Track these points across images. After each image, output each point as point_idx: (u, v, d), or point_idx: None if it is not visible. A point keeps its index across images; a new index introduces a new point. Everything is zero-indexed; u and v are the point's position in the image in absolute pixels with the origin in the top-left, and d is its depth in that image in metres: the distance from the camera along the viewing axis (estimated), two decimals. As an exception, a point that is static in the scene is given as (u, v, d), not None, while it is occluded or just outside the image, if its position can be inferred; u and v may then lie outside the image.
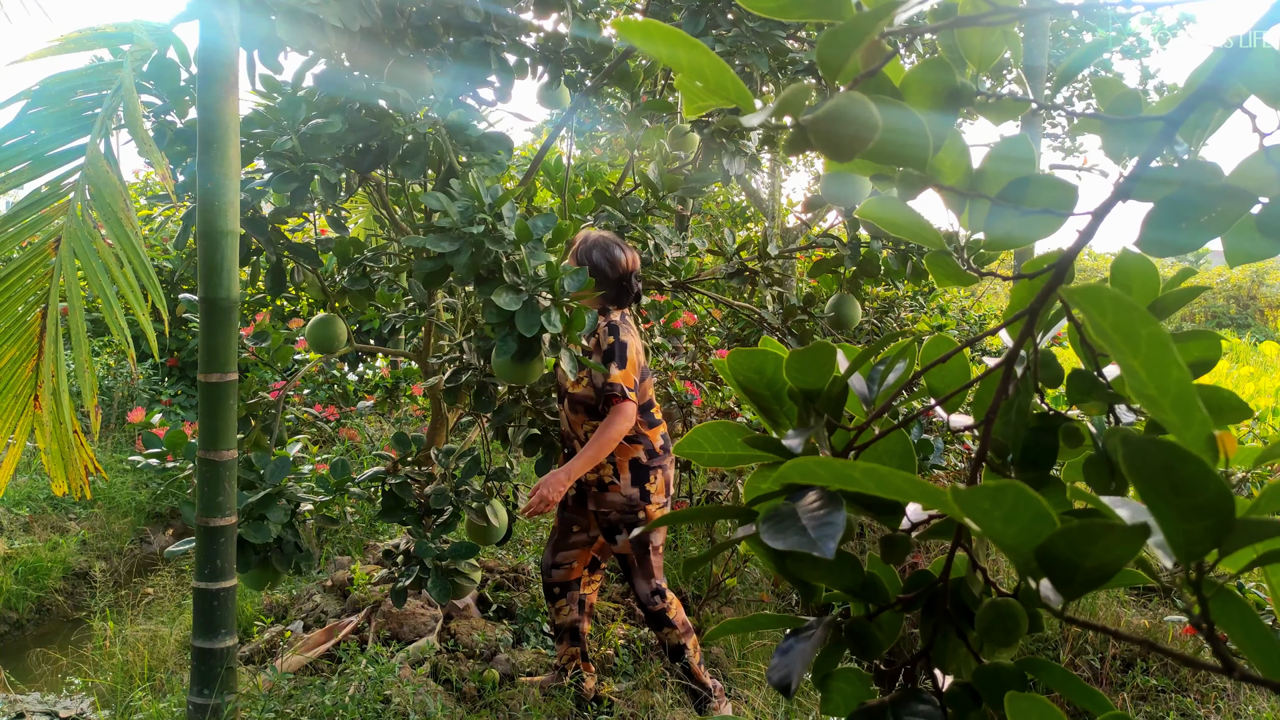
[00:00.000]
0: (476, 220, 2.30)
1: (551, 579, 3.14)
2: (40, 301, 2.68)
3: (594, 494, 2.96)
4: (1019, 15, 0.68)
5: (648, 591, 2.97)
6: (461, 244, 2.29)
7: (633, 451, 2.92)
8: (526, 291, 2.30)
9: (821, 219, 5.92)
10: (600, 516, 2.97)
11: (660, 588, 2.99)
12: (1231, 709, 3.36)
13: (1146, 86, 9.40)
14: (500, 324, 2.31)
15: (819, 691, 0.63)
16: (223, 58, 2.33)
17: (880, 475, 0.53)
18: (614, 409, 2.79)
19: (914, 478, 0.52)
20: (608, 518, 2.94)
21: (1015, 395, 0.64)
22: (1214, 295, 16.22)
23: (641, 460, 2.92)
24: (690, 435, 0.70)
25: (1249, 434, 5.43)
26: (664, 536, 3.05)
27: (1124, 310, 0.48)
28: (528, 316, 2.28)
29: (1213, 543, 0.48)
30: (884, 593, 0.63)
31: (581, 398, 2.90)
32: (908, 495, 0.54)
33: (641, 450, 2.92)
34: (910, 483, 0.53)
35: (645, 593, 2.97)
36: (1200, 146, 0.69)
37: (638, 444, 2.92)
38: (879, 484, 0.53)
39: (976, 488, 0.50)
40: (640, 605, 3.01)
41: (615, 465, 2.91)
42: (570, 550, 3.11)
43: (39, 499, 5.45)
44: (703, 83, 0.64)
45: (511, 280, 2.30)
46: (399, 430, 3.07)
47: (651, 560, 2.96)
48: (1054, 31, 8.45)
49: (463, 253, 2.28)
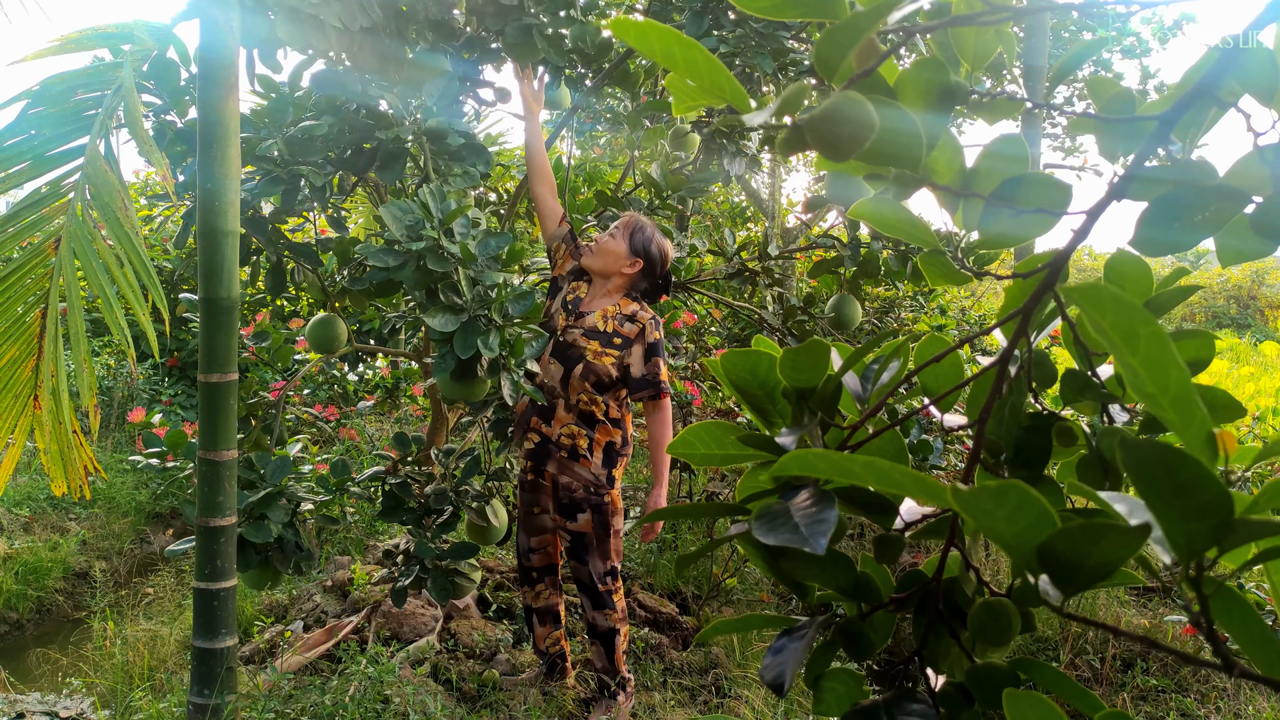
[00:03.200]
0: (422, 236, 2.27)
1: (530, 563, 3.11)
2: (40, 301, 2.68)
3: (562, 459, 2.94)
4: (1014, 14, 0.68)
5: (602, 571, 2.97)
6: (405, 259, 2.26)
7: (613, 434, 2.96)
8: (468, 312, 2.28)
9: (821, 219, 5.92)
10: (562, 489, 2.94)
11: (615, 569, 3.00)
12: (1231, 709, 3.36)
13: (1146, 86, 9.38)
14: (439, 342, 2.31)
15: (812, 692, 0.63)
16: (223, 58, 2.33)
17: (880, 469, 0.53)
18: (661, 403, 2.91)
19: (914, 472, 0.52)
20: (571, 493, 2.93)
21: (1009, 395, 0.64)
22: (1214, 295, 16.22)
23: (616, 445, 2.97)
24: (683, 435, 0.70)
25: (1249, 434, 5.43)
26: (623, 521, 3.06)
27: (1123, 309, 0.48)
28: (465, 338, 2.26)
29: (1213, 541, 0.48)
30: (877, 593, 0.63)
31: (598, 369, 2.89)
32: (907, 490, 0.54)
33: (619, 436, 2.97)
34: (909, 477, 0.52)
35: (600, 571, 2.96)
36: (1195, 146, 0.69)
37: (618, 430, 2.97)
38: (878, 477, 0.53)
39: (979, 487, 0.50)
40: (589, 582, 2.98)
41: (592, 441, 2.93)
42: (542, 534, 3.09)
43: (39, 499, 5.46)
44: (696, 82, 0.64)
45: (449, 300, 2.28)
46: (399, 430, 3.07)
47: (611, 542, 2.97)
48: (1054, 31, 8.45)
49: (406, 268, 2.25)
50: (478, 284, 2.33)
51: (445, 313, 2.26)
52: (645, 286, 3.03)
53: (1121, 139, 0.70)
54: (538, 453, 2.99)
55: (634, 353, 2.92)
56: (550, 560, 3.12)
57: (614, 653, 3.03)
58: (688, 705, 3.20)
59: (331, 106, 2.69)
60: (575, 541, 2.97)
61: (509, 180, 4.86)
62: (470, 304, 2.29)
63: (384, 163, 2.69)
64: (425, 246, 2.26)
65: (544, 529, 3.08)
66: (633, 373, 2.91)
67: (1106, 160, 0.71)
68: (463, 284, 2.28)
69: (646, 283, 3.02)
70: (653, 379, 2.89)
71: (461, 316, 2.28)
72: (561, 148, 4.87)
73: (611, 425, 2.95)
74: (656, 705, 3.14)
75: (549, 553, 3.12)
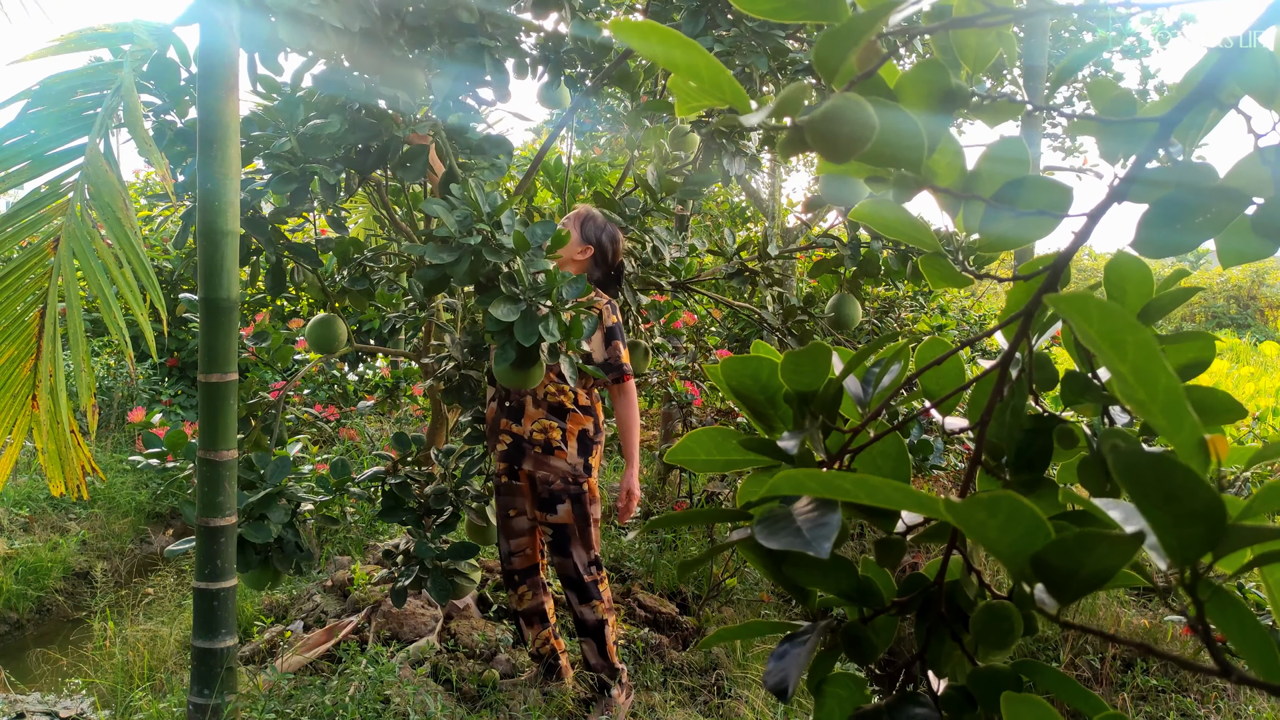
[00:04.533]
0: (475, 230, 2.31)
1: (511, 566, 3.13)
2: (39, 301, 2.68)
3: (537, 455, 2.95)
4: (1016, 17, 0.68)
5: (586, 561, 2.98)
6: (460, 254, 2.30)
7: (584, 422, 2.99)
8: (525, 300, 2.31)
9: (821, 219, 5.92)
10: (540, 484, 2.95)
11: (598, 559, 3.01)
12: (1231, 709, 3.36)
13: (1147, 86, 9.37)
14: (499, 332, 2.33)
15: (814, 697, 0.63)
16: (223, 58, 2.33)
17: (872, 486, 0.53)
18: (625, 386, 2.96)
19: (905, 487, 0.52)
20: (549, 486, 2.94)
21: (1010, 397, 0.64)
22: (1214, 295, 16.22)
23: (589, 433, 2.99)
24: (683, 441, 0.69)
25: (1249, 434, 5.43)
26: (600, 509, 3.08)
27: (1110, 318, 0.48)
28: (526, 325, 2.29)
29: (1206, 547, 0.48)
30: (879, 596, 0.63)
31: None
32: (898, 505, 0.54)
33: (590, 424, 3.00)
34: (901, 492, 0.52)
35: (584, 562, 2.98)
36: (1195, 148, 0.69)
37: (589, 417, 3.00)
38: (870, 494, 0.53)
39: (971, 499, 0.50)
40: (574, 574, 2.99)
41: (565, 432, 2.95)
42: (520, 537, 3.11)
43: (39, 499, 5.45)
44: (697, 83, 0.64)
45: (509, 290, 2.31)
46: (399, 430, 3.07)
47: (592, 531, 2.99)
48: (1054, 31, 8.44)
49: (461, 262, 2.29)
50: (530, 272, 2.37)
51: (506, 303, 2.29)
52: (599, 276, 3.08)
53: (1122, 141, 0.70)
54: (511, 453, 3.00)
55: (594, 340, 2.95)
56: (531, 561, 3.14)
57: (604, 644, 3.04)
58: (688, 705, 3.20)
59: (334, 106, 2.69)
60: (557, 534, 2.98)
61: (509, 180, 4.86)
62: (527, 292, 2.32)
63: (405, 160, 2.70)
64: (479, 240, 2.29)
65: (521, 531, 3.10)
66: (594, 358, 2.95)
67: (1107, 162, 0.71)
68: (521, 273, 2.31)
69: (599, 271, 3.08)
70: (615, 363, 2.94)
71: (520, 305, 2.31)
72: (561, 148, 4.87)
73: (582, 413, 2.98)
74: (656, 705, 3.14)
75: (528, 554, 3.13)
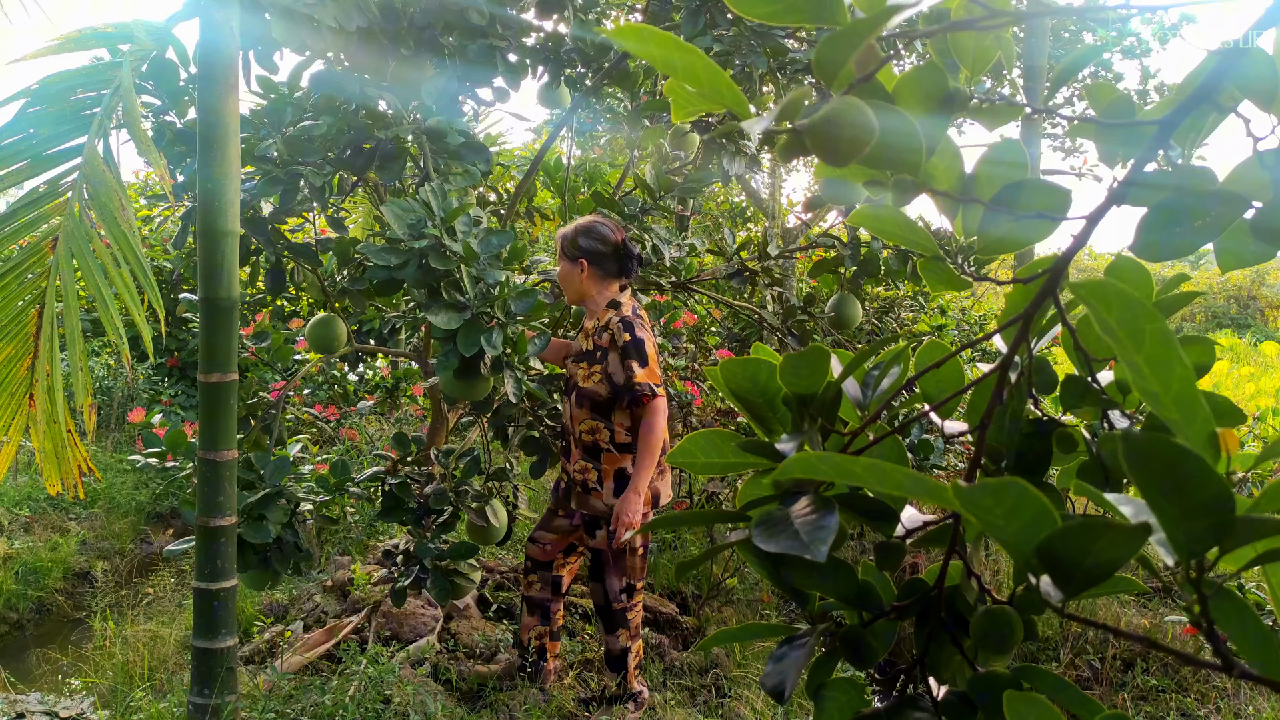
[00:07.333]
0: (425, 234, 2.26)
1: (528, 551, 3.16)
2: (37, 300, 2.68)
3: (578, 494, 2.95)
4: (1014, 19, 0.68)
5: (617, 589, 2.96)
6: (408, 258, 2.25)
7: (621, 461, 2.88)
8: (471, 309, 2.28)
9: (821, 219, 5.92)
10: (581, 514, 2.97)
11: (631, 586, 2.99)
12: (1232, 709, 3.36)
13: (1147, 87, 9.36)
14: (443, 340, 2.30)
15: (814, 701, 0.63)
16: (223, 58, 2.33)
17: (882, 471, 0.53)
18: (649, 408, 2.79)
19: (916, 474, 0.52)
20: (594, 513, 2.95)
21: (1009, 401, 0.64)
22: (1214, 295, 16.21)
23: (627, 471, 2.87)
24: (682, 444, 0.69)
25: (1249, 435, 5.43)
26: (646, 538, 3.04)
27: (1129, 306, 0.48)
28: (468, 336, 2.25)
29: (1213, 541, 0.48)
30: (878, 601, 0.63)
31: (590, 392, 2.87)
32: (909, 491, 0.54)
33: (630, 461, 2.87)
34: (911, 478, 0.52)
35: (615, 590, 2.96)
36: (1194, 151, 0.69)
37: (627, 454, 2.88)
38: (881, 479, 0.53)
39: (979, 484, 0.50)
40: (603, 602, 2.98)
41: (600, 473, 2.89)
42: (551, 531, 3.11)
43: (39, 499, 5.45)
44: (695, 87, 0.64)
45: (451, 298, 2.27)
46: (399, 430, 3.07)
47: (628, 560, 2.96)
48: (1054, 31, 8.44)
49: (409, 266, 2.24)
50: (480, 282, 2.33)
51: (448, 310, 2.25)
52: (613, 268, 2.93)
53: (1121, 144, 0.70)
54: (564, 489, 3.04)
55: (611, 361, 2.86)
56: (549, 557, 3.13)
57: (625, 672, 3.05)
58: (687, 705, 3.20)
59: (330, 106, 2.68)
60: (595, 559, 2.99)
61: (509, 180, 4.86)
62: (473, 302, 2.29)
63: (382, 162, 2.69)
64: (427, 245, 2.26)
65: (557, 529, 3.11)
66: (616, 381, 2.83)
67: (1106, 165, 0.71)
68: (465, 282, 2.28)
69: (605, 267, 2.92)
70: (628, 385, 2.78)
71: (464, 314, 2.27)
72: (561, 148, 4.86)
73: (618, 451, 2.88)
74: (656, 705, 3.14)
75: (549, 550, 3.12)
